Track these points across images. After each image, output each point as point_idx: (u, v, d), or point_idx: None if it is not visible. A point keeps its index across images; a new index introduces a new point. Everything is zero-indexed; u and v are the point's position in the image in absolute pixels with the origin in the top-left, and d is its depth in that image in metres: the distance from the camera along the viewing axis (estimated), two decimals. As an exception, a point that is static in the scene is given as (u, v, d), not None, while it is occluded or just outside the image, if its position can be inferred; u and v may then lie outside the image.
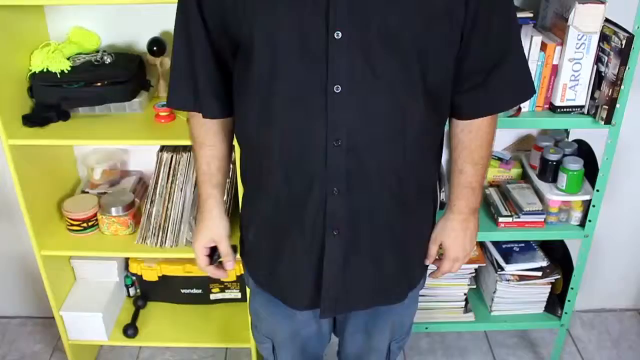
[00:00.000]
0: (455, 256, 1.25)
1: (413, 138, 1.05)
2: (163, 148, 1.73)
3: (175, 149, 1.72)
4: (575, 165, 1.66)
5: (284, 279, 1.19)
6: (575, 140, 1.79)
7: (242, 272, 1.92)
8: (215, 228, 1.23)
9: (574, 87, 1.54)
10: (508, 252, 1.87)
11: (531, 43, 1.50)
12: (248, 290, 1.77)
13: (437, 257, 1.27)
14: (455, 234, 1.22)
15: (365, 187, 1.06)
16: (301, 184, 1.05)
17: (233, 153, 1.26)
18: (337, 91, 0.97)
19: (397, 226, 1.14)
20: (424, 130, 1.07)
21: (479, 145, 1.15)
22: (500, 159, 1.88)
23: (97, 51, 1.71)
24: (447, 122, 1.17)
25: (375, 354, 1.36)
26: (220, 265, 1.28)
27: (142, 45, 1.74)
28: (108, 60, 1.66)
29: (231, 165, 1.67)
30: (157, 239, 1.73)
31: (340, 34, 0.93)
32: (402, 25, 0.95)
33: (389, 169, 1.06)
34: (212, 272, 1.28)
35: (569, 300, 1.85)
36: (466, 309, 1.93)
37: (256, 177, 1.14)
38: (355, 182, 1.04)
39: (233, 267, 1.27)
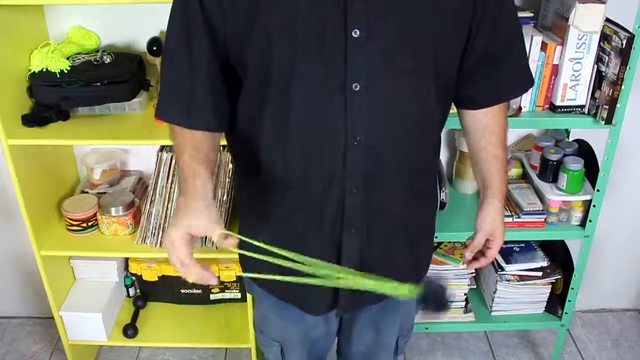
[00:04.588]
0: (501, 241, 1.24)
1: (427, 134, 1.08)
2: (163, 148, 1.73)
3: (175, 149, 1.72)
4: (575, 165, 1.66)
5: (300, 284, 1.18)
6: (575, 140, 1.79)
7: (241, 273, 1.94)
8: (212, 213, 1.00)
9: (574, 87, 1.53)
10: (508, 252, 1.87)
11: (531, 43, 1.49)
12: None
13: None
14: (500, 219, 1.22)
15: (382, 184, 1.06)
16: (320, 183, 1.05)
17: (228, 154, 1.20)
18: (356, 89, 0.97)
19: (409, 222, 1.16)
20: (436, 126, 1.11)
21: (503, 127, 1.18)
22: (500, 159, 1.87)
23: (97, 51, 1.71)
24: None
25: (385, 350, 1.36)
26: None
27: (142, 45, 1.73)
28: (108, 60, 1.66)
29: (230, 165, 1.68)
30: (157, 239, 1.73)
31: (357, 32, 0.93)
32: (418, 25, 0.96)
33: (405, 165, 1.07)
34: (197, 271, 0.98)
35: (569, 301, 1.85)
36: (466, 309, 1.93)
37: (268, 179, 1.11)
38: (373, 179, 1.05)
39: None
